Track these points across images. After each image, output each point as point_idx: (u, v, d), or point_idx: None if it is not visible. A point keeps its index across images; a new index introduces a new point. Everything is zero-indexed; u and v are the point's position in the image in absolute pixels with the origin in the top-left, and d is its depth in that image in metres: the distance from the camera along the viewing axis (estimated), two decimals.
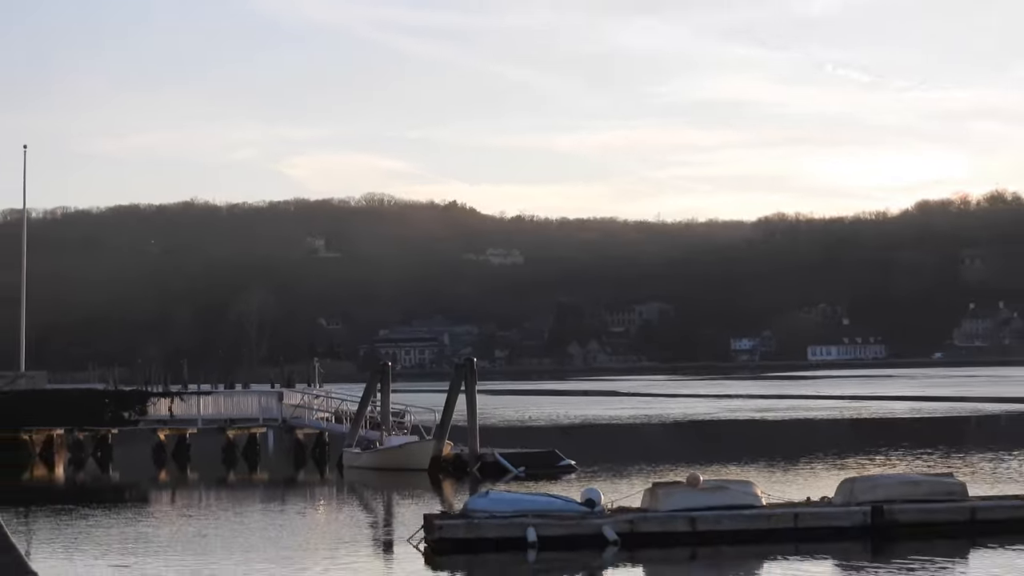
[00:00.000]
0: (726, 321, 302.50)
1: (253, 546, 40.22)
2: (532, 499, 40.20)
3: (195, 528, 45.94)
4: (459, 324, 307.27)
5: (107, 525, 47.50)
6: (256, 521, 49.10)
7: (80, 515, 50.66)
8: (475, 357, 67.04)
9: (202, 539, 42.45)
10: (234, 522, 48.60)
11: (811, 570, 31.14)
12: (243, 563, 35.18)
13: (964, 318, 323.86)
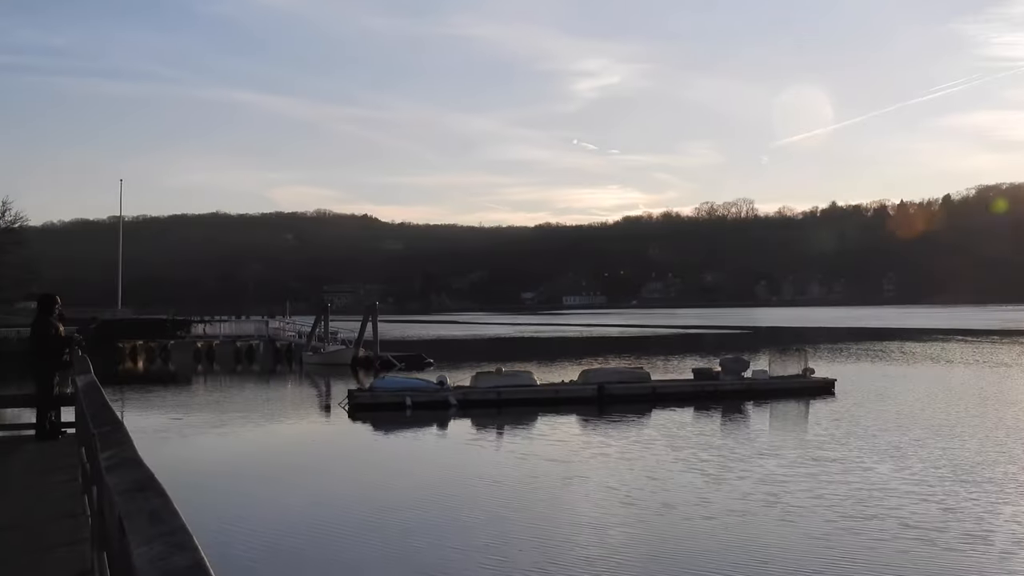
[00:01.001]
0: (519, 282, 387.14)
1: (250, 407, 56.39)
2: (408, 381, 55.41)
3: (215, 397, 62.35)
4: (370, 283, 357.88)
5: (166, 396, 64.07)
6: (251, 393, 66.24)
7: (150, 390, 66.90)
8: (377, 301, 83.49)
9: (219, 403, 58.70)
10: (238, 394, 65.35)
11: (565, 420, 45.06)
12: (243, 417, 50.93)
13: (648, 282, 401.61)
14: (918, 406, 48.79)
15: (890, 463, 32.24)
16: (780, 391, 54.77)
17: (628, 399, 51.80)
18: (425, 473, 34.29)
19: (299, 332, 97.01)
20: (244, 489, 31.77)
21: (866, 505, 26.02)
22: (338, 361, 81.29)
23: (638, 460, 34.41)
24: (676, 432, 41.11)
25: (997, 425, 41.02)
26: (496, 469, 34.09)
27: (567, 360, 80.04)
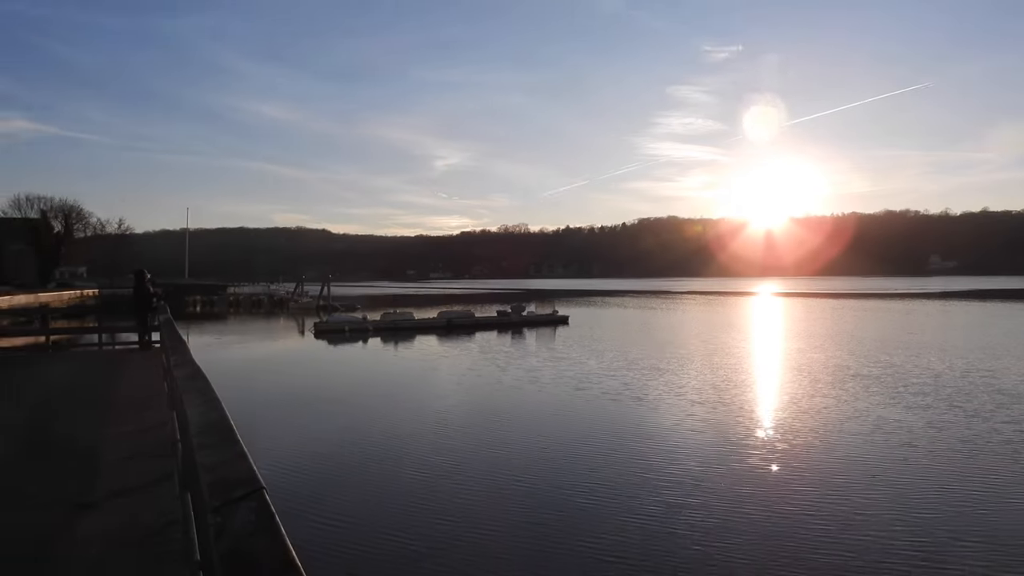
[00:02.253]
0: (406, 266, 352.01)
1: (259, 332, 54.95)
2: (346, 317, 53.92)
3: (240, 328, 58.59)
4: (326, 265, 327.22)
5: (213, 326, 60.30)
6: (260, 325, 62.86)
7: (203, 323, 62.85)
8: (330, 276, 79.25)
9: (242, 330, 56.25)
10: (253, 325, 61.85)
11: (429, 339, 43.91)
12: (255, 337, 50.08)
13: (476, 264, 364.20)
14: (611, 329, 50.12)
15: (595, 360, 32.39)
16: (541, 322, 55.31)
17: (463, 327, 51.39)
18: (355, 364, 34.56)
19: (287, 291, 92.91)
20: (255, 374, 31.20)
21: (582, 382, 26.10)
22: (308, 307, 78.50)
23: (465, 359, 34.09)
24: (486, 344, 40.82)
25: (651, 339, 42.12)
26: (392, 363, 34.01)
27: (431, 306, 77.90)
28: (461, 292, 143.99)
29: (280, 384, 27.92)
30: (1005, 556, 10.02)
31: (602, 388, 24.43)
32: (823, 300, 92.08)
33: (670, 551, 10.37)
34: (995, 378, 25.51)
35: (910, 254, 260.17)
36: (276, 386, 27.38)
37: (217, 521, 2.23)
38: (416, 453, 16.16)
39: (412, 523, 11.62)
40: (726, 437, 17.21)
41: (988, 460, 14.92)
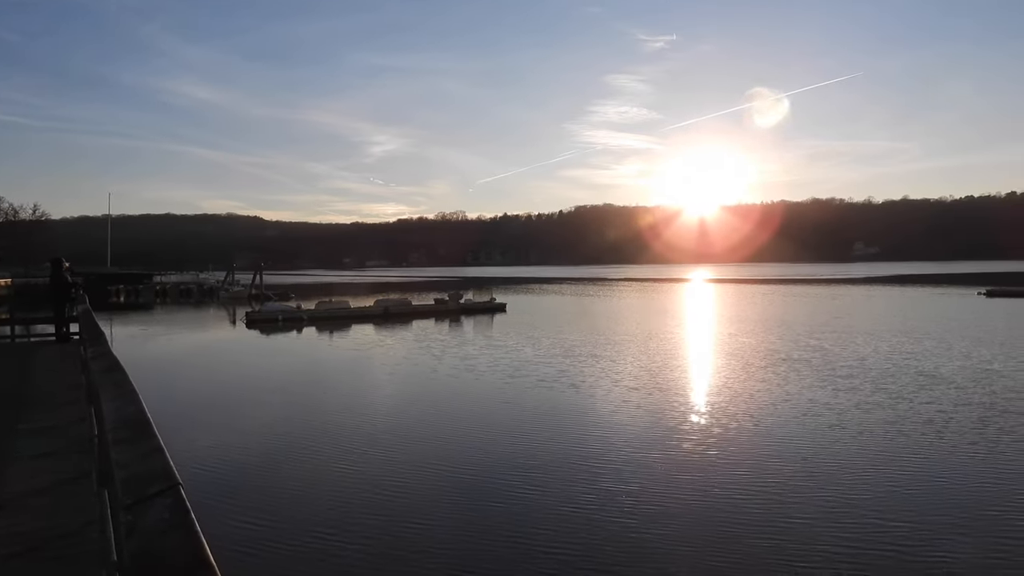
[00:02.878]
0: (342, 253, 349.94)
1: (187, 322, 53.34)
2: (279, 306, 53.09)
3: (167, 318, 56.76)
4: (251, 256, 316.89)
5: (138, 316, 58.16)
6: (188, 315, 61.12)
7: (128, 314, 60.63)
8: (262, 263, 77.60)
9: (169, 320, 54.47)
10: (180, 315, 60.02)
11: (366, 327, 43.41)
12: (182, 329, 48.07)
13: (413, 252, 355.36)
14: (548, 316, 50.37)
15: (532, 347, 32.37)
16: (478, 309, 55.24)
17: (400, 315, 51.07)
18: (288, 355, 33.79)
19: (218, 280, 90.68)
20: (181, 366, 30.45)
21: (518, 370, 26.03)
22: (239, 296, 77.02)
23: (401, 347, 33.72)
24: (423, 332, 40.50)
25: (588, 326, 42.39)
26: (326, 353, 33.52)
27: (367, 294, 77.06)
28: (398, 280, 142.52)
29: (208, 376, 27.19)
30: (930, 531, 10.27)
31: (539, 376, 24.35)
32: (753, 286, 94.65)
33: (608, 539, 10.28)
34: (916, 360, 26.57)
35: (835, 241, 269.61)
36: (204, 378, 26.68)
37: (128, 520, 2.17)
38: (349, 446, 15.75)
39: (342, 519, 11.25)
40: (662, 422, 17.36)
41: (912, 440, 15.41)
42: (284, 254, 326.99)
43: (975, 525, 10.63)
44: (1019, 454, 14.30)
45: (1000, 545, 9.90)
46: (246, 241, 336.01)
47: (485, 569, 9.50)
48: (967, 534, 10.30)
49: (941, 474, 13.19)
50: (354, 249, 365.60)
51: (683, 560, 9.70)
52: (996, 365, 25.09)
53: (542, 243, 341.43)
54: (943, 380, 22.34)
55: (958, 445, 14.96)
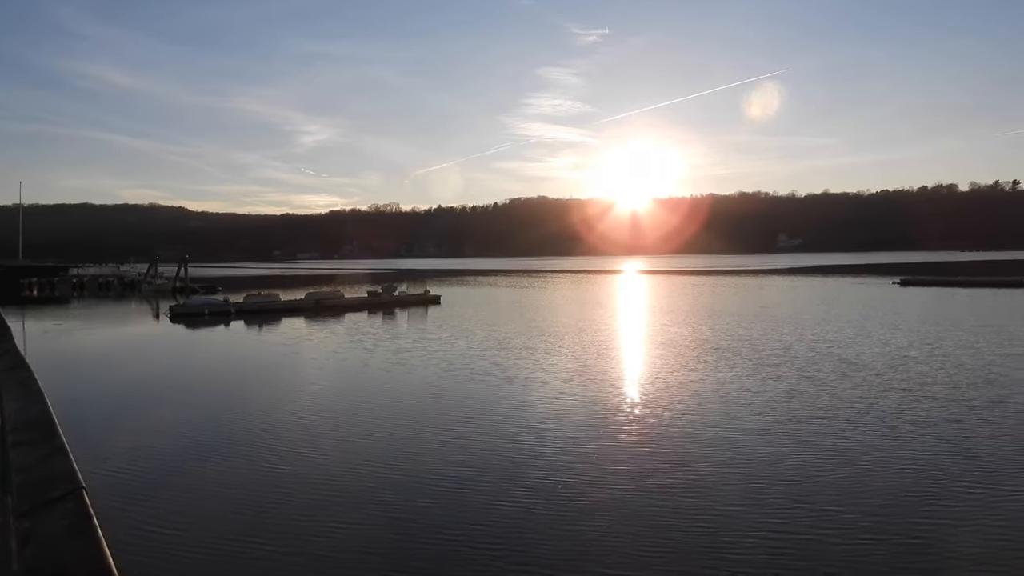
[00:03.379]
0: (272, 246, 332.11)
1: (107, 317, 50.85)
2: (206, 299, 51.88)
3: (85, 313, 54.16)
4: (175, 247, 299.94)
5: (53, 311, 55.46)
6: (108, 309, 58.28)
7: (42, 308, 58.32)
8: (187, 255, 74.97)
9: (87, 315, 51.78)
10: (100, 309, 57.24)
11: (296, 321, 42.70)
12: (101, 323, 45.72)
13: (345, 244, 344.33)
14: (483, 309, 50.05)
15: (466, 340, 32.12)
16: (412, 302, 54.81)
17: (332, 308, 50.63)
18: (213, 350, 32.90)
19: (140, 272, 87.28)
20: (98, 362, 29.24)
21: (452, 363, 25.73)
22: (163, 290, 74.57)
23: (332, 341, 33.12)
24: (355, 326, 39.94)
25: (522, 318, 42.33)
26: (254, 348, 32.65)
27: (298, 287, 75.04)
28: (330, 272, 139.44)
29: (128, 373, 25.92)
30: (857, 515, 10.44)
31: (473, 369, 24.10)
32: (684, 277, 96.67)
33: (543, 533, 10.13)
34: (839, 348, 27.43)
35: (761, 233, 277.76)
36: (122, 375, 25.47)
37: (25, 527, 2.06)
38: (274, 445, 15.13)
39: (266, 521, 10.74)
40: (597, 414, 17.35)
41: (837, 427, 15.80)
42: (211, 246, 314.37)
43: (897, 509, 10.89)
44: (935, 439, 14.79)
45: (919, 527, 10.16)
46: (170, 232, 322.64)
47: (417, 568, 9.23)
48: (890, 517, 10.52)
49: (864, 459, 13.50)
50: (285, 241, 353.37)
51: (619, 552, 9.61)
52: (912, 352, 26.08)
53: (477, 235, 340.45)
54: (864, 367, 23.07)
55: (879, 430, 15.40)
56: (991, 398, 18.24)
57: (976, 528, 10.14)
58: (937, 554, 9.36)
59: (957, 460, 13.26)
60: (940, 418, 16.34)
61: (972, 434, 14.96)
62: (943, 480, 12.18)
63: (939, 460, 13.30)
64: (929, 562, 9.15)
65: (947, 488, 11.77)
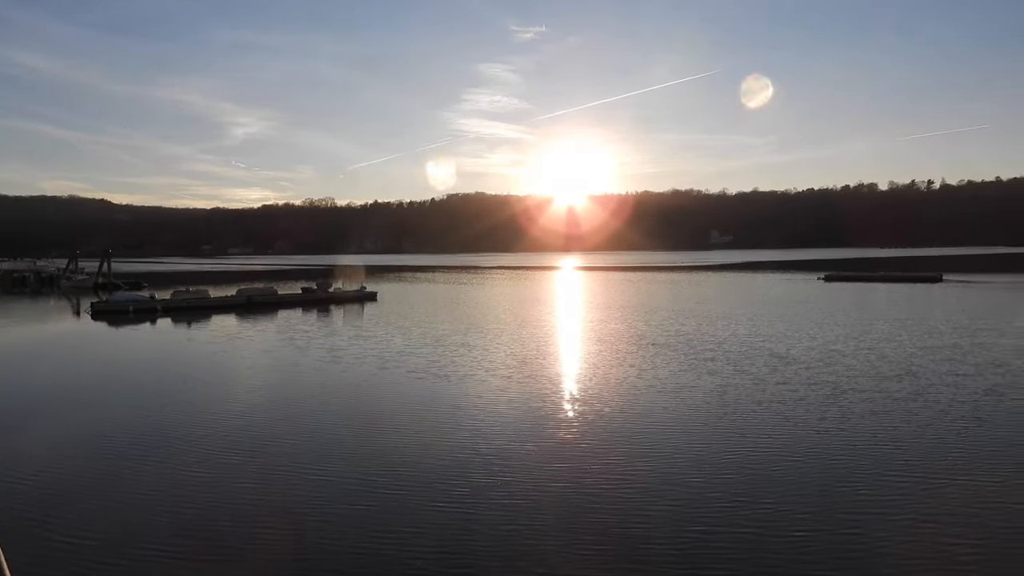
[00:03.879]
0: (200, 241, 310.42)
1: (19, 314, 48.45)
2: (130, 295, 49.29)
3: None
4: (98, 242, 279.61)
5: None
6: (23, 306, 55.26)
7: None
8: (110, 249, 71.69)
9: (2, 313, 48.91)
10: (13, 307, 53.76)
11: (227, 317, 41.69)
12: (14, 321, 43.66)
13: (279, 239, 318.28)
14: (420, 305, 49.51)
15: (403, 337, 31.65)
16: (348, 299, 53.92)
17: (265, 305, 49.57)
18: (137, 349, 31.49)
19: (59, 268, 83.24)
20: (8, 364, 27.72)
21: (387, 361, 25.27)
22: (84, 286, 71.29)
23: (263, 339, 32.25)
24: (287, 322, 39.21)
25: (460, 315, 42.02)
26: (181, 347, 31.33)
27: (229, 283, 72.78)
28: (263, 268, 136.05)
29: (40, 375, 24.56)
30: (791, 506, 10.50)
31: (408, 367, 23.66)
32: (620, 273, 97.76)
33: (480, 535, 9.87)
34: (770, 343, 28.00)
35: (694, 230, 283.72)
36: (35, 377, 24.14)
37: None
38: (198, 449, 14.41)
39: (186, 527, 10.16)
40: (536, 412, 17.17)
41: (770, 421, 16.01)
42: (137, 240, 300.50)
43: (829, 500, 11.01)
44: (863, 431, 15.13)
45: (851, 518, 10.26)
46: (93, 226, 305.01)
47: (348, 572, 8.86)
48: (824, 509, 10.62)
49: (797, 452, 13.69)
50: (215, 236, 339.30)
51: (558, 552, 9.42)
52: (839, 346, 26.83)
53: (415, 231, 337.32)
54: (794, 361, 23.58)
55: (811, 423, 15.68)
56: (913, 390, 18.83)
57: (903, 517, 10.33)
58: (869, 543, 9.45)
59: (884, 451, 13.56)
60: (867, 410, 16.76)
61: (897, 425, 15.37)
62: (872, 471, 12.41)
63: (867, 451, 13.57)
64: (861, 551, 9.22)
65: (876, 479, 11.99)
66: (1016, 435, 14.58)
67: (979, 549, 9.29)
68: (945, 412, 16.41)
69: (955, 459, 13.04)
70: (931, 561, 9.00)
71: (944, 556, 9.13)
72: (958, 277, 70.17)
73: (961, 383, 19.62)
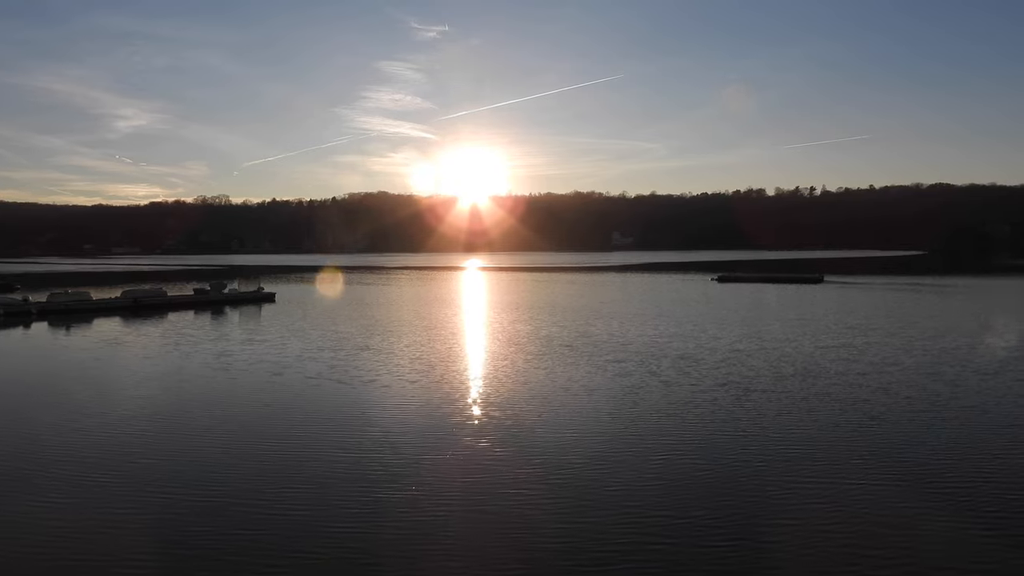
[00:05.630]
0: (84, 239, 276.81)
1: None
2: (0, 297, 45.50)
3: None
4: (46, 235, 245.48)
5: None
6: None
7: None
8: None
9: None
10: None
11: (112, 320, 38.81)
12: None
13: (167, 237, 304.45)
14: (321, 307, 47.78)
15: (298, 340, 30.21)
16: (244, 300, 51.46)
17: (153, 307, 46.50)
18: (6, 356, 28.76)
19: None
20: None
21: (282, 366, 23.89)
22: None
23: (148, 344, 30.03)
24: (176, 326, 36.82)
25: (363, 316, 40.69)
26: (56, 353, 28.77)
27: (114, 284, 67.85)
28: (152, 269, 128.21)
29: None
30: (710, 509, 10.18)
31: (307, 372, 22.35)
32: (525, 274, 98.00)
33: (385, 554, 9.12)
34: (675, 343, 28.23)
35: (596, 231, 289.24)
36: None
37: None
38: (64, 468, 12.84)
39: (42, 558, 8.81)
40: (444, 420, 16.29)
41: (681, 424, 15.88)
42: (7, 239, 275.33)
43: (740, 501, 10.76)
44: (773, 431, 15.16)
45: (753, 517, 10.01)
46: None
47: None
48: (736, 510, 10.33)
49: (711, 454, 13.52)
50: (98, 234, 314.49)
51: (467, 569, 8.72)
52: (741, 346, 27.27)
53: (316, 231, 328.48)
54: (700, 362, 23.73)
55: (720, 426, 15.61)
56: (815, 390, 19.14)
57: (810, 516, 10.15)
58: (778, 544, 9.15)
59: (792, 451, 13.60)
60: (773, 410, 16.89)
61: (801, 426, 15.52)
62: (780, 470, 12.36)
63: (777, 451, 13.55)
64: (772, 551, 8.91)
65: (785, 477, 11.88)
66: (909, 433, 14.94)
67: (882, 540, 9.18)
68: (844, 412, 16.69)
69: (858, 457, 13.14)
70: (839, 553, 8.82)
71: (848, 548, 9.00)
72: (838, 278, 74.03)
73: (858, 383, 20.10)
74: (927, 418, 16.05)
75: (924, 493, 11.32)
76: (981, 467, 12.63)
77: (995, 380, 20.25)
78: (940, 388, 19.16)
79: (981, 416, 16.23)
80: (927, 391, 18.82)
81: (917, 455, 13.39)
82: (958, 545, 9.36)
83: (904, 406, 17.16)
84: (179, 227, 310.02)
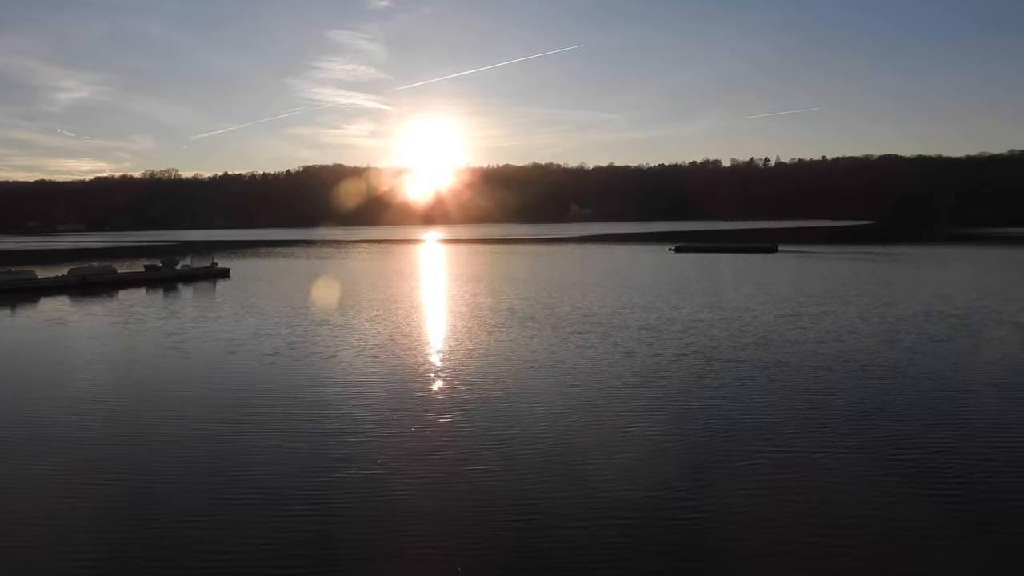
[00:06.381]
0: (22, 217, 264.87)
1: None
2: None
3: None
4: None
5: None
6: None
7: None
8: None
9: None
10: None
11: (59, 300, 37.28)
12: None
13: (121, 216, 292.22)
14: (277, 282, 46.85)
15: (254, 317, 29.55)
16: (198, 276, 50.29)
17: (103, 284, 45.09)
18: None
19: None
20: None
21: (237, 344, 23.23)
22: None
23: (95, 323, 29.04)
24: (126, 304, 35.59)
25: (321, 291, 40.17)
26: (5, 332, 27.72)
27: (60, 262, 64.90)
28: (99, 246, 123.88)
29: None
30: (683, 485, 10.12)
31: (263, 349, 21.75)
32: (484, 246, 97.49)
33: (347, 535, 8.88)
34: (637, 313, 28.27)
35: (554, 203, 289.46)
36: None
37: None
38: (4, 454, 12.26)
39: None
40: (407, 395, 15.94)
41: (646, 394, 15.81)
42: None
43: (697, 473, 10.69)
44: (736, 399, 15.19)
45: (719, 488, 9.93)
46: None
47: None
48: (694, 479, 10.25)
49: (675, 424, 13.45)
50: (40, 211, 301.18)
51: (432, 549, 8.49)
52: (703, 315, 27.41)
53: (270, 204, 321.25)
54: (662, 332, 23.73)
55: (689, 391, 15.58)
56: (776, 359, 19.24)
57: (775, 485, 10.11)
58: (743, 514, 9.08)
59: (756, 418, 13.59)
60: (734, 379, 16.94)
61: (762, 394, 15.60)
62: (745, 439, 12.32)
63: (741, 420, 13.51)
64: (737, 520, 8.83)
65: (750, 448, 11.85)
66: (870, 399, 15.10)
67: (847, 507, 9.17)
68: (804, 380, 16.81)
69: (820, 424, 13.23)
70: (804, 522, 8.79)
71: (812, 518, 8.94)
72: (791, 247, 75.20)
73: (817, 351, 20.29)
74: (886, 384, 16.25)
75: (887, 459, 11.43)
76: (940, 432, 12.80)
77: (948, 346, 20.64)
78: (897, 355, 19.43)
79: (938, 381, 16.49)
80: (885, 358, 19.09)
81: (878, 421, 13.53)
82: (921, 510, 9.41)
83: (863, 373, 17.37)
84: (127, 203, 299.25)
